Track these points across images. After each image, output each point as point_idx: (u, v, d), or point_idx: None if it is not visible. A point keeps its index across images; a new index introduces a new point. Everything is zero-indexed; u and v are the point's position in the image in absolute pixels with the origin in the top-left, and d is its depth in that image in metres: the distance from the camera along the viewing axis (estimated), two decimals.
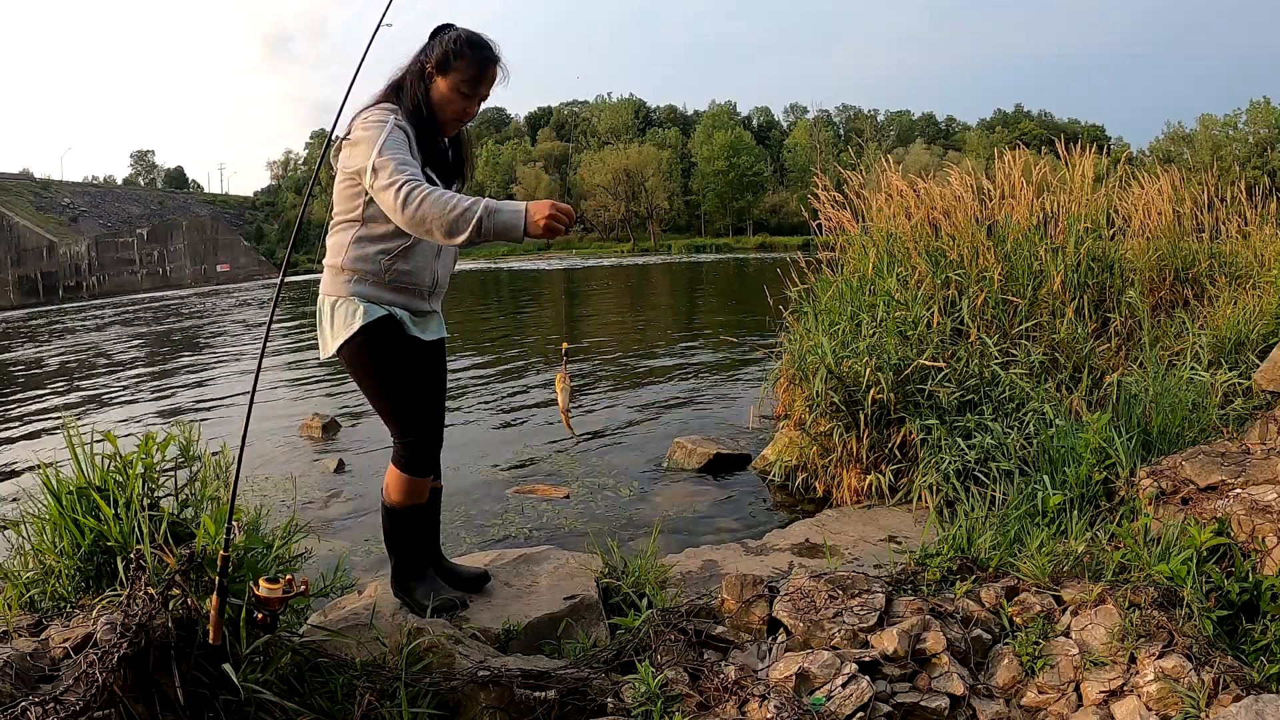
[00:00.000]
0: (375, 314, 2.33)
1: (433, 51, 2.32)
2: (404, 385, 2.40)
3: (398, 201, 2.08)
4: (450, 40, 2.31)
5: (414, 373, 2.42)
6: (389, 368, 2.37)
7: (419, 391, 2.43)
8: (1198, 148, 60.30)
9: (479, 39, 2.33)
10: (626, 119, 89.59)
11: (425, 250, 2.39)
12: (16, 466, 6.50)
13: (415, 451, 2.43)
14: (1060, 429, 3.45)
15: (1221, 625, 2.21)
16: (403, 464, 2.44)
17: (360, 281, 2.34)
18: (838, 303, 5.20)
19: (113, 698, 1.72)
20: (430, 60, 2.32)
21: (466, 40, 2.30)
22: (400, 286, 2.38)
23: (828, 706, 2.00)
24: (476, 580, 2.75)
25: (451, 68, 2.30)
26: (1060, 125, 73.74)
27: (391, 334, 2.36)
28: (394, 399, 2.40)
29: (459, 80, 2.31)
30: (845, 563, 3.31)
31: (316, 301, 2.43)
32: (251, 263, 61.17)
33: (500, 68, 2.36)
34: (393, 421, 2.43)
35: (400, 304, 2.39)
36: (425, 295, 2.45)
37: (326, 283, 2.40)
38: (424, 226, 2.07)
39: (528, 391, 8.73)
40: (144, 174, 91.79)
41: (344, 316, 2.34)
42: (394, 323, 2.37)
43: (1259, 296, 4.70)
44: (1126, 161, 6.37)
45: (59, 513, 2.20)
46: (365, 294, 2.34)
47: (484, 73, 2.32)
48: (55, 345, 18.41)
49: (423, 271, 2.41)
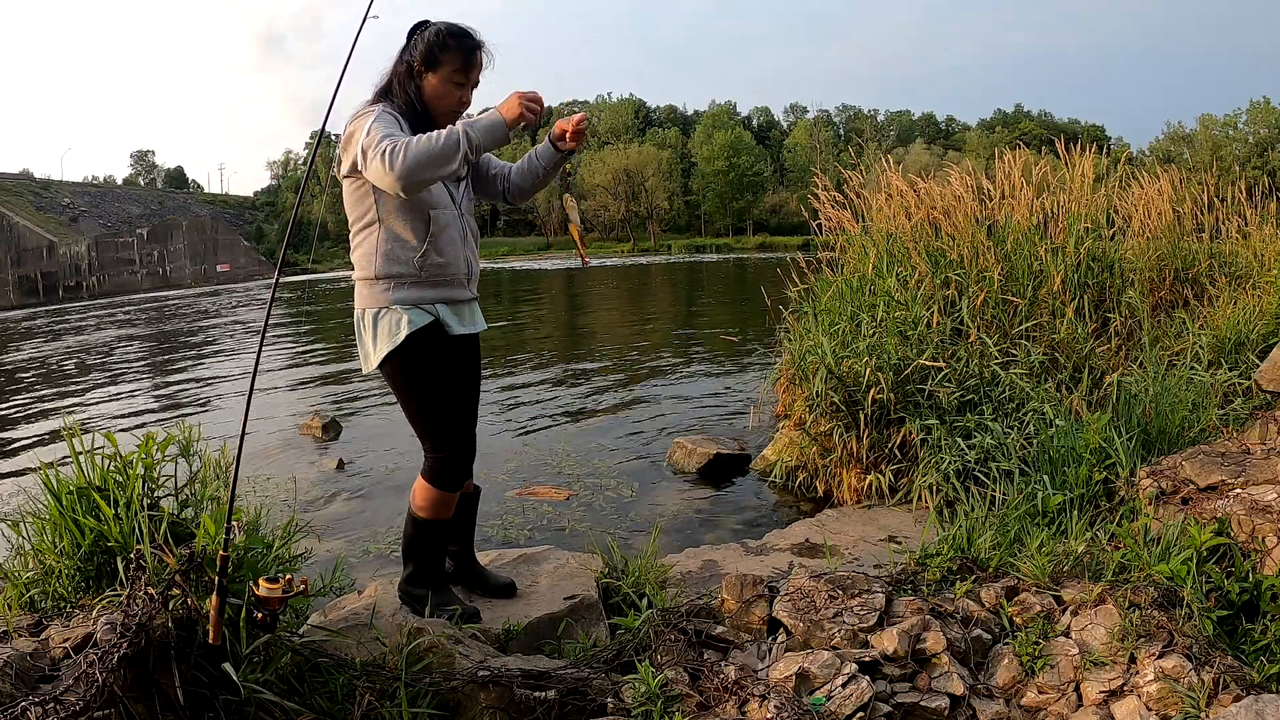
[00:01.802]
0: (420, 322, 2.33)
1: (416, 49, 2.34)
2: (443, 400, 2.39)
3: (385, 165, 2.10)
4: (432, 34, 2.33)
5: (455, 386, 2.41)
6: (430, 381, 2.37)
7: (458, 406, 2.43)
8: (1198, 148, 60.34)
9: (458, 28, 2.35)
10: (626, 119, 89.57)
11: (452, 237, 2.40)
12: (16, 466, 6.50)
13: (446, 467, 2.42)
14: (1060, 429, 3.45)
15: (1221, 625, 2.21)
16: (432, 478, 2.43)
17: (399, 287, 2.33)
18: (838, 303, 5.20)
19: (113, 698, 1.72)
20: (416, 58, 2.33)
21: (448, 32, 2.33)
22: (439, 280, 2.38)
23: (828, 706, 2.00)
24: (503, 589, 2.74)
25: (440, 61, 2.32)
26: (1060, 125, 73.77)
27: (435, 341, 2.36)
28: (431, 414, 2.40)
29: (450, 71, 2.33)
30: (845, 563, 3.31)
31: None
32: (251, 263, 61.15)
33: (485, 52, 2.38)
34: (426, 436, 2.42)
35: (442, 299, 2.38)
36: (464, 282, 2.46)
37: (363, 296, 2.38)
38: (419, 173, 2.10)
39: (527, 391, 8.73)
40: (144, 174, 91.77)
41: (388, 328, 2.32)
42: (438, 327, 2.36)
43: (1259, 296, 4.70)
44: (1126, 161, 6.38)
45: (59, 513, 2.21)
46: (407, 299, 2.33)
47: (471, 59, 2.35)
48: (55, 345, 18.41)
49: (455, 259, 2.41)
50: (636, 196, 71.75)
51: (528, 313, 16.39)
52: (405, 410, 2.44)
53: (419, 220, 2.33)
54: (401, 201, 2.30)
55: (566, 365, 10.46)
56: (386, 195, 2.29)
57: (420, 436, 2.44)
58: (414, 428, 2.45)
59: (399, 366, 2.35)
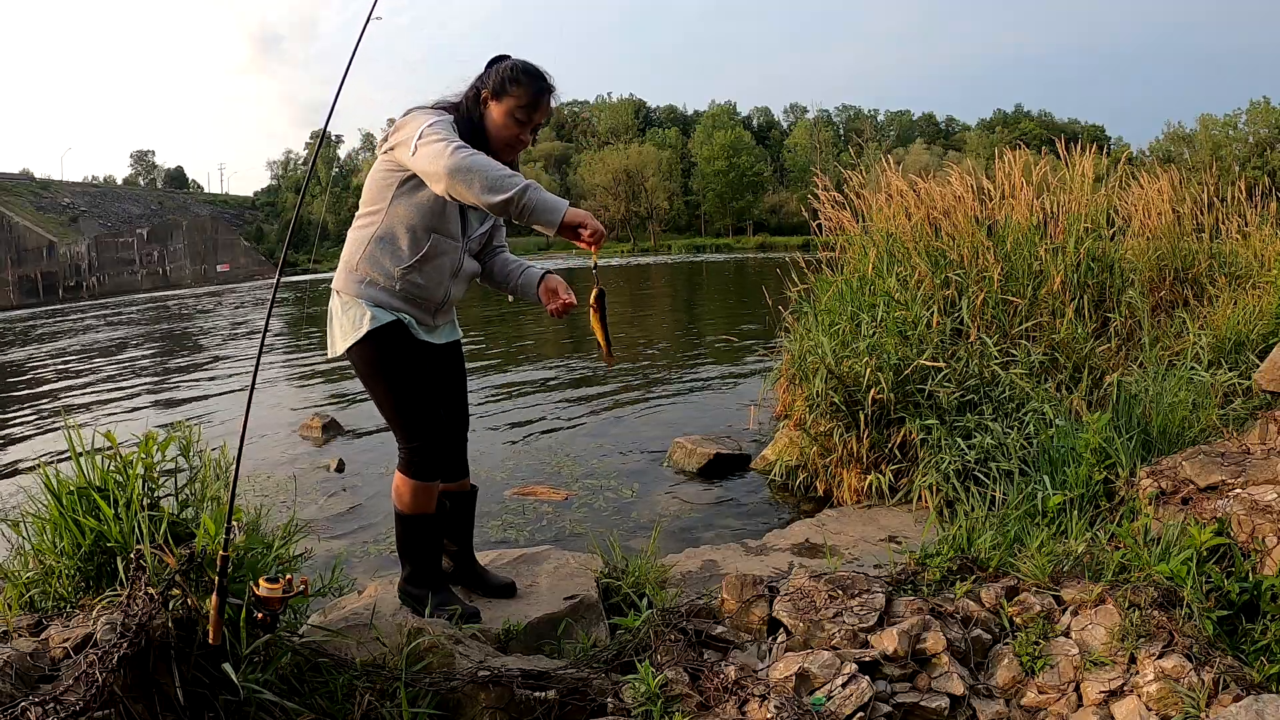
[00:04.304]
0: (382, 319, 2.34)
1: (489, 79, 2.36)
2: (409, 390, 2.40)
3: (448, 147, 2.09)
4: (507, 68, 2.34)
5: (420, 377, 2.42)
6: (394, 373, 2.38)
7: (424, 396, 2.43)
8: (1198, 148, 60.31)
9: (534, 69, 2.36)
10: (626, 119, 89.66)
11: (443, 266, 2.40)
12: (17, 466, 6.50)
13: (417, 457, 2.43)
14: (1060, 429, 3.45)
15: (1221, 625, 2.21)
16: (406, 469, 2.45)
17: (371, 285, 2.35)
18: (838, 303, 5.20)
19: (113, 698, 1.72)
20: (486, 86, 2.35)
21: (523, 69, 2.34)
22: (410, 298, 2.39)
23: (828, 706, 2.00)
24: (503, 589, 2.74)
25: (507, 93, 2.32)
26: (1060, 125, 73.76)
27: (399, 339, 2.37)
28: (398, 404, 2.41)
29: (514, 106, 2.33)
30: (845, 563, 3.31)
31: (328, 299, 2.44)
32: (251, 263, 61.17)
33: (553, 98, 2.38)
34: (396, 426, 2.44)
35: (408, 311, 2.40)
36: (433, 311, 2.46)
37: (340, 278, 2.41)
38: (467, 175, 2.06)
39: (527, 391, 8.73)
40: (144, 174, 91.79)
41: (352, 320, 2.35)
42: (401, 327, 2.37)
43: (1259, 296, 4.70)
44: (1126, 161, 6.37)
45: (59, 513, 2.20)
46: (374, 298, 2.35)
47: (538, 100, 2.35)
48: (55, 345, 18.41)
49: (436, 288, 2.42)
50: (636, 196, 71.77)
51: (527, 312, 16.38)
52: (374, 400, 2.46)
53: (419, 237, 2.34)
54: (414, 211, 2.31)
55: (566, 365, 10.46)
56: (402, 198, 2.30)
57: (392, 427, 2.46)
58: (386, 419, 2.47)
59: (361, 357, 2.38)
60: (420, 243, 2.34)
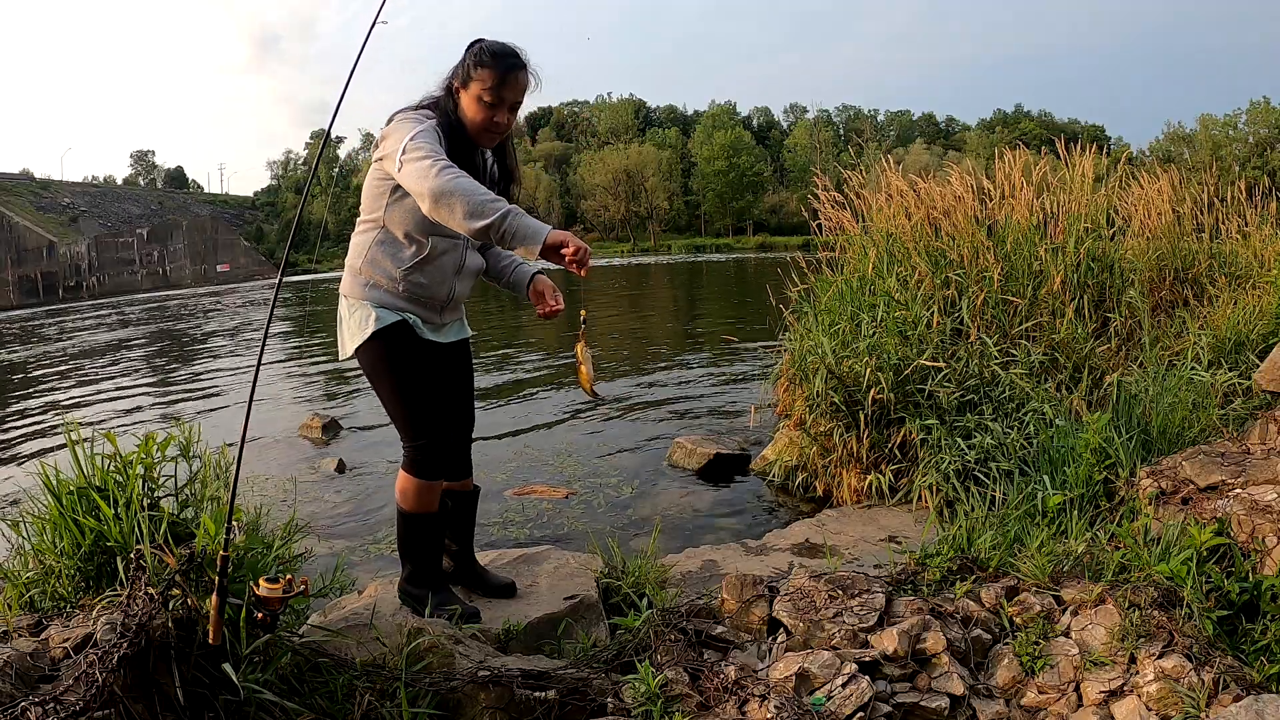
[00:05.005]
0: (387, 320, 2.35)
1: (458, 68, 2.34)
2: (414, 389, 2.40)
3: (432, 169, 2.07)
4: (472, 54, 2.32)
5: (426, 378, 2.43)
6: (401, 373, 2.38)
7: (429, 396, 2.44)
8: (1198, 148, 60.30)
9: (501, 48, 2.32)
10: (626, 119, 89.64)
11: (445, 265, 2.41)
12: (17, 466, 6.50)
13: (422, 455, 2.43)
14: (1060, 429, 3.45)
15: (1221, 625, 2.21)
16: (409, 467, 2.46)
17: (375, 287, 2.37)
18: (838, 303, 5.19)
19: (113, 698, 1.72)
20: (456, 77, 2.34)
21: (488, 50, 2.31)
22: (415, 297, 2.40)
23: (828, 706, 2.00)
24: (503, 589, 2.74)
25: (472, 78, 2.30)
26: (1060, 125, 73.75)
27: (405, 340, 2.38)
28: (403, 403, 2.41)
29: (480, 90, 2.30)
30: (845, 563, 3.31)
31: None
32: (251, 263, 61.17)
33: (530, 75, 2.34)
34: (402, 425, 2.44)
35: (413, 311, 2.40)
36: (439, 309, 2.47)
37: (345, 282, 2.43)
38: (449, 199, 2.04)
39: (526, 390, 8.73)
40: (144, 174, 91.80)
41: (359, 322, 2.37)
42: (407, 328, 2.38)
43: (1259, 296, 4.69)
44: (1126, 161, 6.37)
45: (59, 513, 2.20)
46: (379, 299, 2.36)
47: (504, 79, 2.29)
48: (55, 345, 18.41)
49: (439, 286, 2.43)
50: (636, 196, 71.80)
51: (527, 311, 16.38)
52: (380, 400, 2.47)
53: (417, 239, 2.35)
54: (408, 216, 2.31)
55: (566, 364, 10.46)
56: (395, 205, 2.31)
57: (396, 426, 2.46)
58: (390, 417, 2.48)
59: (368, 357, 2.39)
60: (419, 245, 2.35)
